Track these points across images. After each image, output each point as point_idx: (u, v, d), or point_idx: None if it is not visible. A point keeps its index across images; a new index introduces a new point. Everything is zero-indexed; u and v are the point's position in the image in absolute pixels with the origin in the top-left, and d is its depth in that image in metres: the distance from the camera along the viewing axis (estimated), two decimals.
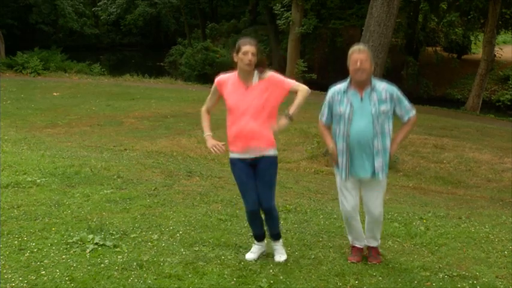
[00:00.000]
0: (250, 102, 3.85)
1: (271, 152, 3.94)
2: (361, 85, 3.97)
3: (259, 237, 4.16)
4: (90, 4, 38.59)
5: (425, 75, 25.62)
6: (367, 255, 4.27)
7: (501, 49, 24.68)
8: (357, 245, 4.29)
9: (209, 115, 4.16)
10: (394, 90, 4.03)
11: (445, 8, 23.85)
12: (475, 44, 29.30)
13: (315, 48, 26.56)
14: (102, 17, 36.45)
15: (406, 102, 4.06)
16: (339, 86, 4.09)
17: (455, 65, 26.60)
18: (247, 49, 3.81)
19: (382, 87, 4.01)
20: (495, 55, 21.15)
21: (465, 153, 11.04)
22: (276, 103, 3.94)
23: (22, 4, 32.64)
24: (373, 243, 4.27)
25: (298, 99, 3.93)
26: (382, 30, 9.13)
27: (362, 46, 4.06)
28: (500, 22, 21.97)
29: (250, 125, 3.84)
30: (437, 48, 28.64)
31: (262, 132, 3.87)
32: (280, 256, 4.14)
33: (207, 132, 4.07)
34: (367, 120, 3.94)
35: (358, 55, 3.93)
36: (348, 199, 4.14)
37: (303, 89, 3.97)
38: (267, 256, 4.16)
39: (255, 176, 3.95)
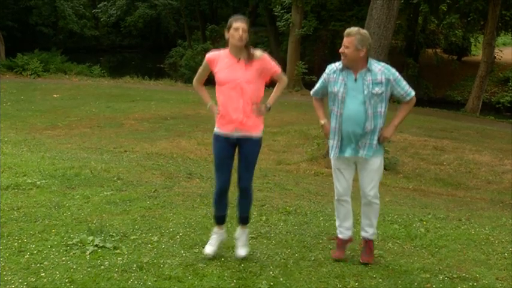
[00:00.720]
0: (242, 76, 3.86)
1: (258, 133, 3.97)
2: (354, 66, 3.96)
3: (221, 219, 4.15)
4: (90, 6, 38.60)
5: (425, 77, 25.65)
6: (361, 251, 4.22)
7: (501, 51, 24.73)
8: (341, 236, 4.26)
9: (203, 86, 4.21)
10: (392, 72, 3.99)
11: (445, 9, 23.84)
12: (475, 45, 29.34)
13: (315, 50, 26.60)
14: (102, 19, 36.49)
15: (404, 84, 4.02)
16: (336, 65, 4.08)
17: (455, 67, 26.68)
18: (238, 25, 3.83)
19: (379, 69, 3.97)
20: (495, 57, 21.19)
21: (465, 155, 11.05)
22: (263, 84, 3.98)
23: (22, 6, 32.69)
24: (370, 231, 4.20)
25: (278, 92, 4.08)
26: (382, 32, 9.13)
27: (353, 30, 3.97)
28: (500, 24, 22.01)
29: (240, 105, 3.86)
30: (437, 50, 28.72)
31: (252, 113, 3.90)
32: (242, 249, 4.08)
33: (210, 102, 4.09)
34: (359, 101, 3.93)
35: (345, 38, 3.94)
36: (340, 180, 4.15)
37: (284, 81, 4.08)
38: (267, 258, 4.16)
39: (239, 155, 3.98)
